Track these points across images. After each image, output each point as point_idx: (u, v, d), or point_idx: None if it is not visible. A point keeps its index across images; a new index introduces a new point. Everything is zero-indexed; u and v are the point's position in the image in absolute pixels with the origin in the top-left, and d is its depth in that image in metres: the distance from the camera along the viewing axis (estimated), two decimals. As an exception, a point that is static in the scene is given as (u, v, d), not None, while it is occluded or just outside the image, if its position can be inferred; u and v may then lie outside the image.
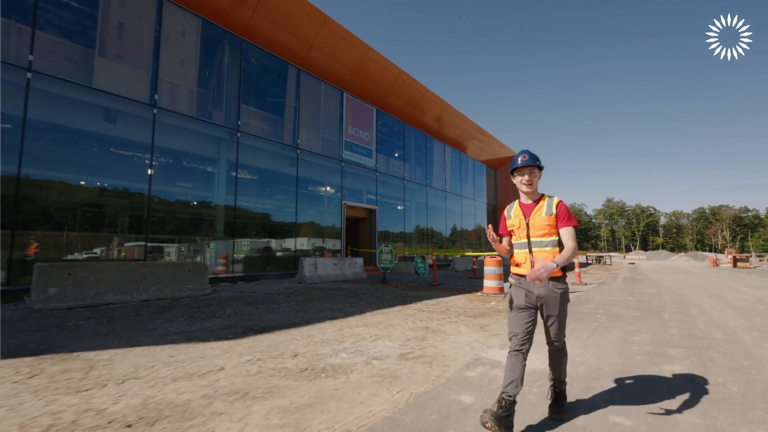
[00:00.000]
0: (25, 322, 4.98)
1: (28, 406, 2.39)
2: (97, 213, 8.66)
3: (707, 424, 2.26)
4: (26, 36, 7.69)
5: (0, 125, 7.32)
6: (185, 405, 2.44)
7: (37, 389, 2.67)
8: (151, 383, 2.82)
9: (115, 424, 2.18)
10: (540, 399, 2.58)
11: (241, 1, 10.94)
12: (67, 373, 3.00)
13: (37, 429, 2.10)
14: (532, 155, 2.35)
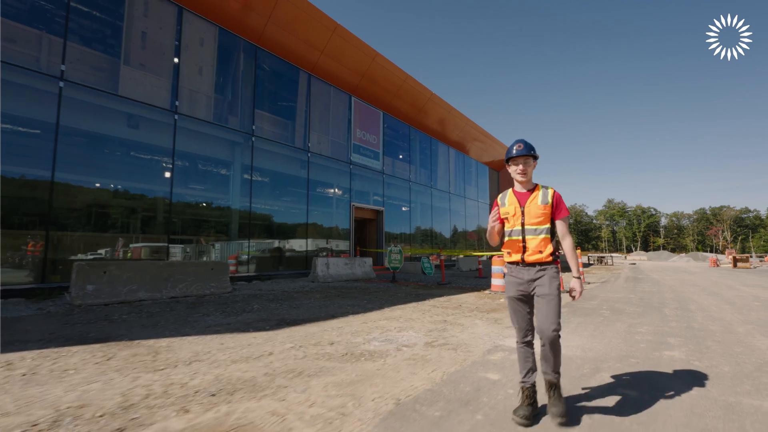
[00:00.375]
0: (72, 316, 5.38)
1: (118, 381, 2.79)
2: (122, 214, 9.07)
3: (702, 395, 2.65)
4: (58, 47, 8.11)
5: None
6: (252, 380, 2.84)
7: (119, 369, 3.07)
8: (214, 364, 3.22)
9: (201, 393, 2.57)
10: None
11: (256, 9, 11.37)
12: (138, 357, 3.40)
13: (137, 397, 2.50)
14: (527, 144, 2.38)
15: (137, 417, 2.21)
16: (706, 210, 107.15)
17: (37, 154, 7.73)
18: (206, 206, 10.90)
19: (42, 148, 7.77)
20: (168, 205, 9.72)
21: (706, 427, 2.16)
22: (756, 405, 2.49)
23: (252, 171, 11.89)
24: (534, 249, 2.31)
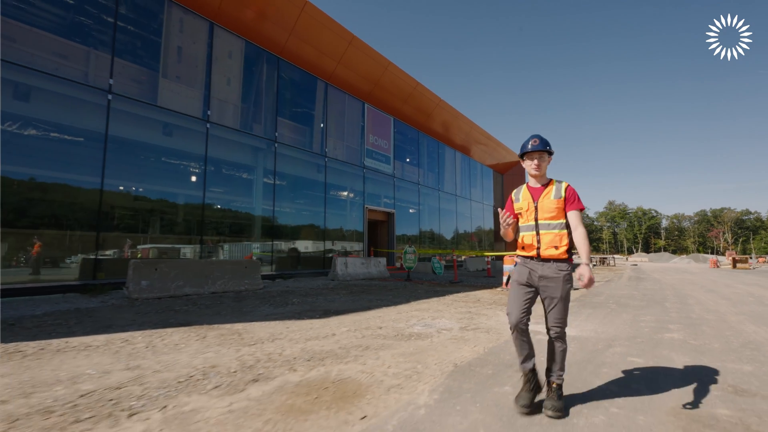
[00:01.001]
0: (138, 307, 6.06)
1: (225, 352, 3.46)
2: (161, 216, 9.76)
3: (695, 362, 3.31)
4: (106, 62, 8.82)
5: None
6: (332, 352, 3.51)
7: (219, 344, 3.75)
8: (293, 341, 3.89)
9: (298, 359, 3.25)
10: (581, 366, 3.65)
11: (279, 23, 12.08)
12: (226, 336, 4.08)
13: (250, 361, 3.17)
14: (542, 140, 2.37)
15: (261, 372, 2.89)
16: (706, 212, 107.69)
17: (88, 163, 8.42)
18: (233, 209, 11.58)
19: (91, 158, 8.47)
20: (201, 208, 10.41)
21: (700, 381, 2.83)
22: (737, 368, 3.16)
23: (275, 175, 12.58)
24: (548, 244, 2.27)
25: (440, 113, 20.62)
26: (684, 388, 2.68)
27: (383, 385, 2.65)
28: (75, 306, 6.08)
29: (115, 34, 8.97)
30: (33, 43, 7.94)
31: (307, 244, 13.93)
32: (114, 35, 8.96)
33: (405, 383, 2.70)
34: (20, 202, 7.51)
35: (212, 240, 10.78)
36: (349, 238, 15.69)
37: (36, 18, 8.03)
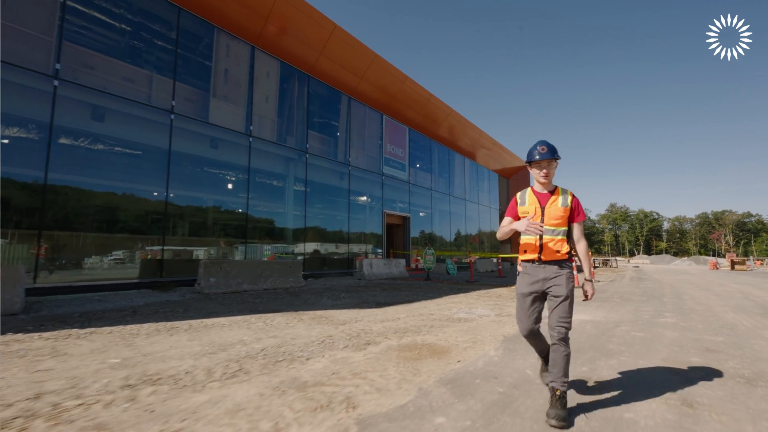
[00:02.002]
0: (216, 300, 7.19)
1: (328, 329, 4.58)
2: (215, 223, 10.91)
3: (681, 335, 4.43)
4: (169, 86, 9.99)
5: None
6: (407, 329, 4.63)
7: (317, 325, 4.87)
8: (372, 322, 5.01)
9: (386, 333, 4.37)
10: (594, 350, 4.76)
11: (312, 45, 13.27)
12: (317, 319, 5.20)
13: (354, 333, 4.29)
14: (550, 148, 2.39)
15: (367, 340, 4.01)
16: (708, 214, 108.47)
17: (155, 174, 9.58)
18: (270, 214, 12.73)
19: (157, 170, 9.63)
20: (245, 214, 11.57)
21: (683, 345, 3.95)
22: (712, 338, 4.28)
23: (306, 183, 13.74)
24: (551, 248, 2.34)
25: (451, 122, 21.78)
26: (672, 348, 3.80)
27: (459, 347, 3.77)
28: (163, 299, 7.21)
29: (176, 60, 10.15)
30: (106, 69, 9.10)
31: (333, 247, 15.07)
32: (175, 61, 10.14)
33: (474, 345, 3.83)
34: (94, 210, 8.68)
35: (253, 242, 11.92)
36: (370, 240, 16.82)
37: (109, 47, 9.20)
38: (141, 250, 9.31)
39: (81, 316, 5.37)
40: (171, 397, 2.42)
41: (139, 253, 9.27)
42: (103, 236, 8.76)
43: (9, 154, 7.35)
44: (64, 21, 8.22)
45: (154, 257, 9.50)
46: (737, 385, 2.76)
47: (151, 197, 9.55)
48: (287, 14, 11.98)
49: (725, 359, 3.44)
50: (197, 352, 3.45)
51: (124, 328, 4.44)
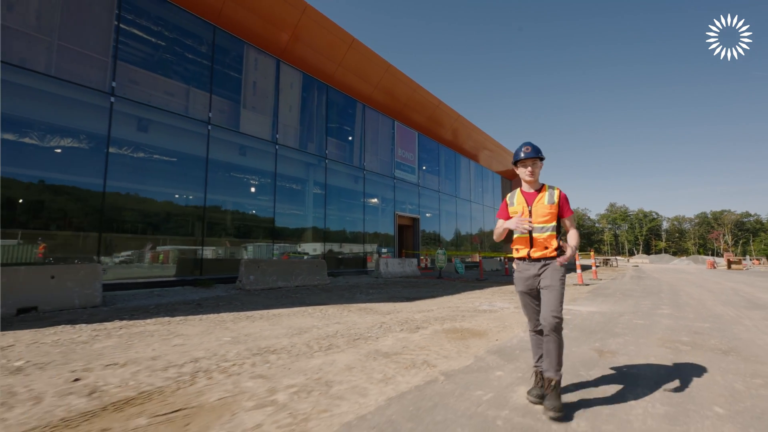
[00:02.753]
0: (259, 295, 8.03)
1: (377, 317, 5.42)
2: (244, 225, 11.76)
3: (675, 322, 5.29)
4: (206, 99, 10.83)
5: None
6: (444, 317, 5.48)
7: (366, 314, 5.72)
8: (412, 312, 5.86)
9: (429, 320, 5.22)
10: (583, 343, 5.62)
11: (331, 58, 14.10)
12: (363, 310, 6.04)
13: (401, 320, 5.13)
14: (534, 147, 2.50)
15: (416, 326, 4.86)
16: (707, 214, 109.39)
17: (194, 182, 10.42)
18: (293, 216, 13.58)
19: (196, 177, 10.47)
20: (272, 217, 12.42)
21: (675, 329, 4.80)
22: (700, 325, 5.14)
23: (326, 187, 14.59)
24: (540, 245, 2.43)
25: (457, 126, 22.63)
26: (666, 332, 4.66)
27: (493, 330, 4.63)
28: (213, 294, 8.06)
29: (212, 75, 10.99)
30: (150, 84, 9.93)
31: (349, 247, 15.92)
32: (211, 75, 10.98)
33: (504, 329, 4.68)
34: (142, 214, 9.53)
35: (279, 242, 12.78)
36: (383, 241, 17.68)
37: (152, 64, 10.03)
38: (181, 250, 10.16)
39: (156, 307, 6.22)
40: (293, 361, 3.27)
41: (178, 252, 10.12)
42: (149, 237, 9.60)
43: (78, 164, 8.20)
44: (119, 42, 9.06)
45: (193, 257, 10.34)
46: (714, 354, 3.62)
47: (191, 202, 10.39)
48: (311, 29, 12.82)
49: (708, 339, 4.29)
50: (285, 333, 4.30)
51: (208, 317, 5.29)
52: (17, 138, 7.59)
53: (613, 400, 2.49)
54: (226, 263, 10.99)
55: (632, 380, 2.87)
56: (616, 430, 2.07)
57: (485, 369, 3.09)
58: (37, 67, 7.88)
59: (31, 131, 7.78)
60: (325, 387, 2.65)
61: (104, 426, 2.06)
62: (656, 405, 2.42)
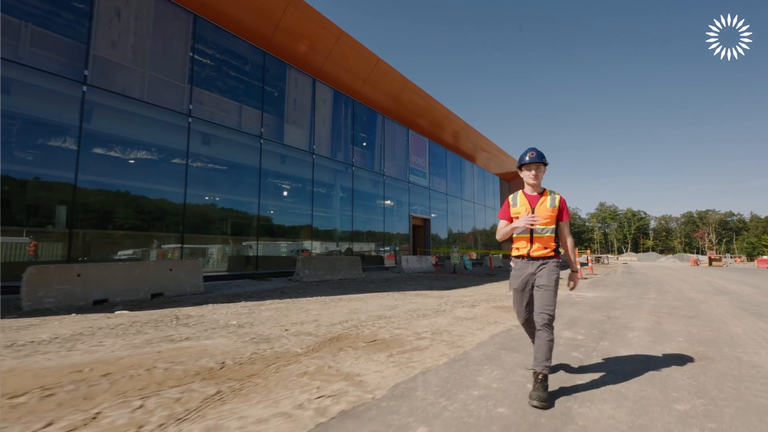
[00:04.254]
0: (318, 286, 9.66)
1: (438, 300, 7.12)
2: (289, 226, 13.35)
3: (658, 302, 7.09)
4: (258, 116, 12.38)
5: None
6: (487, 299, 7.19)
7: (420, 297, 7.40)
8: (459, 297, 7.56)
9: (476, 301, 6.93)
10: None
11: (357, 75, 15.70)
12: (423, 296, 7.73)
13: (456, 300, 6.83)
14: (539, 153, 2.65)
15: (471, 303, 6.56)
16: (693, 213, 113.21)
17: (250, 189, 11.98)
18: (325, 218, 15.19)
19: (251, 185, 12.03)
20: (310, 219, 14.02)
21: (658, 306, 6.59)
22: (677, 303, 6.95)
23: (352, 192, 16.23)
24: (540, 246, 2.58)
25: (464, 133, 24.39)
26: (652, 307, 6.44)
27: (528, 307, 6.36)
28: (281, 286, 9.66)
29: (263, 94, 12.55)
30: (215, 104, 11.44)
31: (371, 246, 17.59)
32: (262, 94, 12.53)
33: (536, 306, 6.42)
34: (212, 218, 11.08)
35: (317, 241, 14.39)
36: (399, 240, 19.38)
37: (217, 86, 11.54)
38: (241, 248, 11.74)
39: (251, 295, 7.82)
40: (409, 322, 4.94)
41: (237, 250, 11.70)
42: (217, 237, 11.16)
43: (165, 176, 9.74)
44: (193, 70, 10.58)
45: (249, 254, 11.92)
46: (683, 318, 5.40)
47: (247, 206, 11.96)
48: (343, 51, 14.41)
49: (681, 311, 6.08)
50: (382, 308, 5.97)
51: (307, 299, 6.94)
52: (121, 155, 9.10)
53: (618, 335, 4.23)
54: (274, 260, 12.58)
55: (629, 329, 4.62)
56: (619, 342, 3.79)
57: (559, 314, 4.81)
58: (133, 94, 9.37)
59: (130, 148, 9.29)
60: (447, 332, 4.33)
61: (340, 346, 3.71)
62: (644, 336, 4.17)
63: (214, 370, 2.89)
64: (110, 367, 2.94)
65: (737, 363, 3.23)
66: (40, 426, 1.96)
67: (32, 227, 7.87)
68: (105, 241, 8.96)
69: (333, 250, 15.38)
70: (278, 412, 2.16)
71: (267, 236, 12.47)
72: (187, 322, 4.79)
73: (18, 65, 7.65)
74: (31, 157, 7.84)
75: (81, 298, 6.33)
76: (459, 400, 2.35)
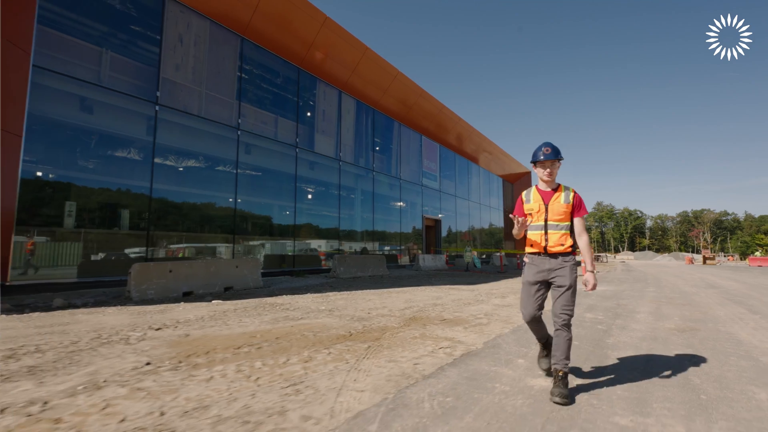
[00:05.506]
0: (354, 282, 10.88)
1: (471, 293, 8.35)
2: (320, 228, 14.55)
3: (658, 294, 8.37)
4: (294, 127, 13.55)
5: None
6: (510, 292, 8.43)
7: (455, 290, 8.64)
8: (486, 290, 8.79)
9: (504, 293, 8.17)
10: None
11: (379, 86, 16.90)
12: (450, 289, 8.96)
13: (487, 292, 8.07)
14: (554, 149, 2.61)
15: (500, 294, 7.81)
16: (688, 213, 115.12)
17: (287, 194, 13.16)
18: (349, 219, 16.40)
19: (289, 192, 13.21)
20: (338, 221, 15.23)
21: (658, 297, 7.87)
22: (673, 295, 8.23)
23: (373, 196, 17.45)
24: (555, 242, 2.56)
25: (471, 137, 25.65)
26: (653, 297, 7.71)
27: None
28: (321, 281, 10.86)
29: (298, 107, 13.73)
30: (258, 117, 12.60)
31: (386, 245, 18.82)
32: (297, 108, 13.72)
33: (556, 297, 7.67)
34: (255, 221, 12.27)
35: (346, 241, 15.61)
36: (414, 239, 20.62)
37: (260, 101, 12.70)
38: (278, 248, 12.94)
39: (306, 288, 9.02)
40: (460, 307, 6.17)
41: (277, 250, 12.89)
42: (261, 238, 12.35)
43: (219, 183, 10.92)
44: (241, 87, 11.75)
45: (287, 252, 13.12)
46: (677, 305, 6.67)
47: (285, 209, 13.16)
48: (367, 66, 15.60)
49: (676, 300, 7.36)
50: (428, 297, 7.19)
51: (360, 291, 8.15)
52: (184, 162, 10.27)
53: (629, 316, 5.47)
54: (306, 258, 13.78)
55: (637, 312, 5.87)
56: (630, 320, 5.03)
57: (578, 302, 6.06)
58: (193, 111, 10.53)
59: (192, 159, 10.46)
60: (496, 314, 5.56)
61: (422, 323, 4.92)
62: (648, 317, 5.43)
63: (348, 336, 4.11)
64: (271, 335, 4.14)
65: (716, 332, 4.49)
66: (283, 360, 3.18)
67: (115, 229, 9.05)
68: (171, 241, 10.13)
69: (355, 249, 16.58)
70: (421, 354, 3.39)
71: (301, 236, 13.67)
72: (284, 308, 6.00)
73: (100, 87, 8.80)
74: (114, 168, 9.00)
75: (173, 290, 7.53)
76: (532, 348, 3.58)
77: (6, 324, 4.57)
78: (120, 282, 8.40)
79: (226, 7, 10.90)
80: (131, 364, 3.00)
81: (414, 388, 2.54)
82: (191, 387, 2.54)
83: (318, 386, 2.57)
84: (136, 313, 5.38)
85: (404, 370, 2.93)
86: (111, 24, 9.10)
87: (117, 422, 2.00)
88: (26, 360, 3.09)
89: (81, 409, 2.15)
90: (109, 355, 3.27)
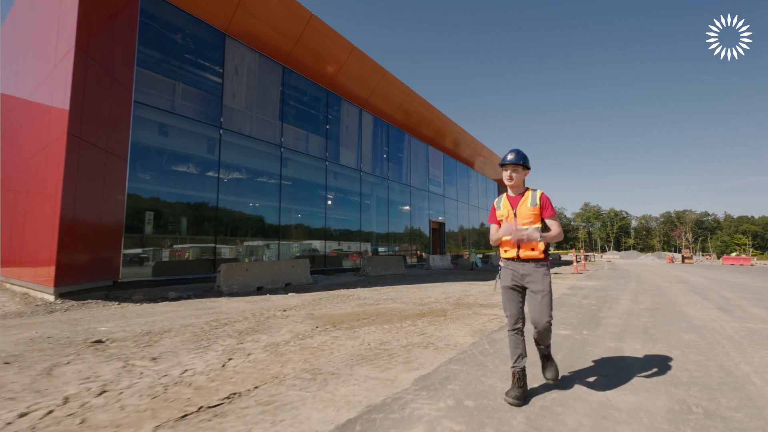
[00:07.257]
0: (383, 277, 12.71)
1: (485, 287, 10.26)
2: (347, 232, 16.33)
3: (637, 288, 10.40)
4: (323, 142, 15.29)
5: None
6: (520, 286, 10.37)
7: (476, 285, 10.54)
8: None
9: (515, 287, 10.12)
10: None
11: (394, 103, 18.73)
12: (469, 284, 10.87)
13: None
14: (519, 155, 2.69)
15: (513, 288, 9.74)
16: (671, 213, 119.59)
17: (319, 202, 14.90)
18: (368, 223, 18.21)
19: (321, 197, 14.96)
20: (359, 224, 17.03)
21: (637, 290, 9.89)
22: (649, 289, 10.27)
23: (388, 203, 19.28)
24: (527, 246, 2.62)
25: (470, 147, 27.67)
26: (633, 290, 9.72)
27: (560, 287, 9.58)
28: (352, 279, 12.67)
29: (327, 125, 15.49)
30: (295, 135, 14.31)
31: (396, 247, 20.68)
32: (326, 125, 15.47)
33: (563, 288, 9.63)
34: (294, 227, 14.02)
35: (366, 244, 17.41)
36: (421, 241, 22.52)
37: (296, 121, 14.40)
38: (314, 249, 14.71)
39: (349, 284, 10.81)
40: (489, 297, 8.05)
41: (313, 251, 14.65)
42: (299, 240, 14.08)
43: (267, 195, 12.63)
44: (283, 110, 13.47)
45: (318, 253, 14.89)
46: (651, 294, 8.68)
47: (317, 215, 14.91)
48: (385, 87, 17.43)
49: (650, 291, 9.37)
50: (457, 290, 9.05)
51: (398, 286, 9.98)
52: (240, 177, 11.96)
53: (614, 301, 7.42)
54: (334, 258, 15.56)
55: (619, 299, 7.84)
56: (614, 304, 6.96)
57: (575, 290, 8.00)
58: (245, 132, 12.22)
59: (246, 173, 12.16)
60: (516, 301, 7.46)
61: (468, 306, 6.77)
62: (628, 302, 7.40)
63: (423, 314, 5.94)
64: (370, 314, 5.96)
65: (673, 310, 6.46)
66: (398, 325, 5.00)
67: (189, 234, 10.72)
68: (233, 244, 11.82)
69: (373, 251, 18.39)
70: (482, 322, 5.25)
71: (330, 239, 15.44)
72: (353, 298, 7.80)
73: (175, 115, 10.44)
74: (192, 183, 10.66)
75: (249, 286, 9.27)
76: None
77: (163, 309, 6.30)
78: (185, 280, 10.06)
79: (273, 41, 12.60)
80: (309, 327, 4.80)
81: (492, 335, 4.41)
82: (365, 336, 4.36)
83: (437, 334, 4.42)
84: (246, 302, 7.14)
85: (478, 328, 4.81)
86: (183, 60, 10.74)
87: (347, 348, 3.82)
88: (235, 326, 4.86)
89: (322, 343, 3.97)
90: (285, 324, 5.06)
